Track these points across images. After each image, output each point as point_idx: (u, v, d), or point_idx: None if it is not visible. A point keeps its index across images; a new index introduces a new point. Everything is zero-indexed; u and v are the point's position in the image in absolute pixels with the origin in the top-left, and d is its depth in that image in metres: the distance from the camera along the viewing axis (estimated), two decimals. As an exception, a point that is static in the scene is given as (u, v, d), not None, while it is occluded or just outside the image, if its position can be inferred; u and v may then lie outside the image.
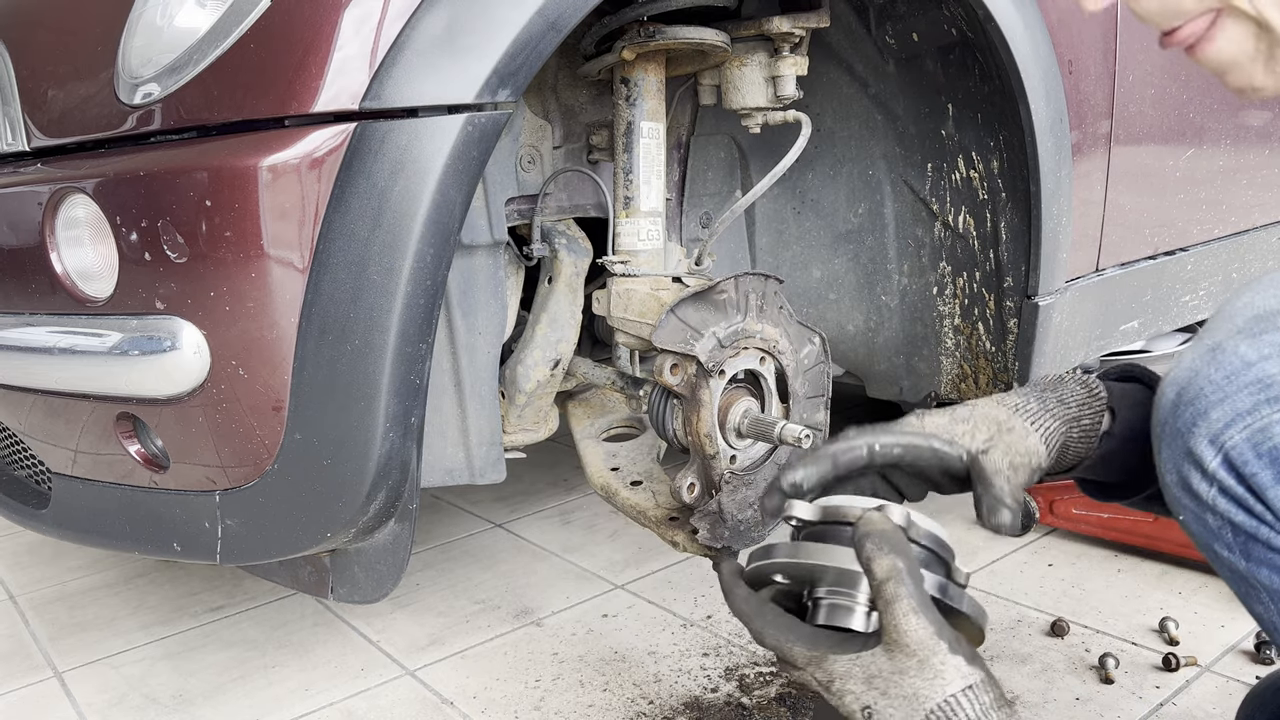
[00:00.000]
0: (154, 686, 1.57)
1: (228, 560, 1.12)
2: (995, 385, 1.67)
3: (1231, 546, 0.71)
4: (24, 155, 1.18)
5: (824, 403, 1.36)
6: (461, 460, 1.30)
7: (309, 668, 1.60)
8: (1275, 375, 0.67)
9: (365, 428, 1.01)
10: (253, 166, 0.94)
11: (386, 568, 1.18)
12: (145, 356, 1.03)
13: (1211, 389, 0.69)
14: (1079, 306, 1.69)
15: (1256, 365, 0.67)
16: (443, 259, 0.99)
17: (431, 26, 0.96)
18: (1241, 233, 2.16)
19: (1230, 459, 0.68)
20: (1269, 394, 0.67)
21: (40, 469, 1.31)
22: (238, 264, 0.96)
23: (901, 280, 1.73)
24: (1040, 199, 1.47)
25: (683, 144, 1.61)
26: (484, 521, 2.20)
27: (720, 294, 1.22)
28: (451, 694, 1.49)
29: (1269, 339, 0.68)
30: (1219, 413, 0.68)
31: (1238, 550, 0.71)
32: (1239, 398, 0.67)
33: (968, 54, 1.45)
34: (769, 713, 1.38)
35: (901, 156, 1.64)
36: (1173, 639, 1.49)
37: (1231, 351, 0.69)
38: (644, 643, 1.60)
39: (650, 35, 1.23)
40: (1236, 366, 0.68)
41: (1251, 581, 0.72)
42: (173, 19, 1.00)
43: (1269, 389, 0.67)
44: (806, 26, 1.33)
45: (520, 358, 1.42)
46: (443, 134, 0.96)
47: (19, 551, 2.19)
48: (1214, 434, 0.69)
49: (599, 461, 1.48)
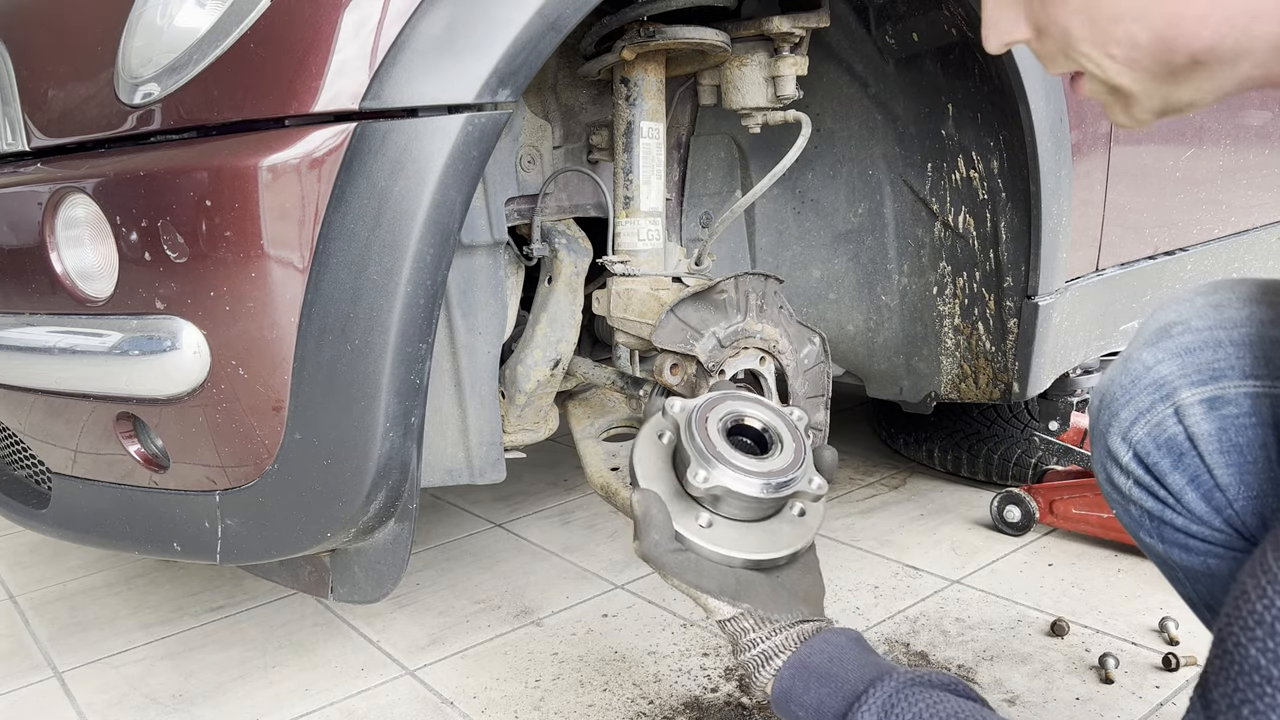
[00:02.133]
0: (154, 686, 1.57)
1: (228, 560, 1.12)
2: (995, 385, 1.67)
3: (1150, 532, 0.80)
4: (24, 155, 1.18)
5: (824, 403, 1.36)
6: (461, 460, 1.30)
7: (309, 668, 1.60)
8: (1167, 376, 0.76)
9: (365, 428, 1.01)
10: (253, 166, 0.94)
11: (386, 568, 1.18)
12: (145, 356, 1.03)
13: (1120, 392, 0.79)
14: (1079, 306, 1.69)
15: (1154, 369, 0.77)
16: (443, 259, 0.99)
17: (431, 26, 0.96)
18: (1241, 233, 2.16)
19: (1137, 452, 0.78)
20: (1162, 392, 0.76)
21: (40, 469, 1.31)
22: (238, 264, 0.96)
23: (901, 280, 1.73)
24: (1040, 199, 1.47)
25: (683, 144, 1.61)
26: (484, 521, 2.20)
27: (720, 294, 1.22)
28: (451, 694, 1.49)
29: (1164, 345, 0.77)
30: (1126, 413, 0.78)
31: (1155, 535, 0.79)
32: (1141, 398, 0.77)
33: (968, 54, 1.45)
34: (769, 713, 1.38)
35: (901, 156, 1.64)
36: (1173, 639, 1.49)
37: (1136, 359, 0.79)
38: (644, 643, 1.60)
39: (650, 35, 1.23)
40: (1139, 372, 0.78)
41: (1169, 562, 0.81)
42: (173, 19, 1.00)
43: (1162, 388, 0.76)
44: (806, 26, 1.33)
45: (520, 358, 1.42)
46: (443, 134, 0.96)
47: (19, 551, 2.19)
48: (1124, 431, 0.78)
49: (599, 461, 1.47)
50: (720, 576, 0.89)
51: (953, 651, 1.52)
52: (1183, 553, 0.79)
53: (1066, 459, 2.05)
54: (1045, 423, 2.07)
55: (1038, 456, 2.09)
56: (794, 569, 0.95)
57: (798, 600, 0.91)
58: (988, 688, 1.42)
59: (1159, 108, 0.67)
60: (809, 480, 0.95)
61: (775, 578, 0.93)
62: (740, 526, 0.94)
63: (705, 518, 0.93)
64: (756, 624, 0.88)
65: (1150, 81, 0.65)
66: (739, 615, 0.88)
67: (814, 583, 0.95)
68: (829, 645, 0.85)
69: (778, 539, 0.94)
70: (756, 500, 0.92)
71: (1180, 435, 0.75)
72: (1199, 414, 0.75)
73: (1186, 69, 0.63)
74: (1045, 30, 0.67)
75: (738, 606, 0.88)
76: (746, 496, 0.91)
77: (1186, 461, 0.75)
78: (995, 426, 2.17)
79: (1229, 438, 0.74)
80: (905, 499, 2.19)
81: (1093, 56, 0.65)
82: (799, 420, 1.00)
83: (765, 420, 0.99)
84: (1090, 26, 0.64)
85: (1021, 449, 2.12)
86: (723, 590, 0.88)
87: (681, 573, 0.89)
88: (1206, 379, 0.75)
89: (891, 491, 2.24)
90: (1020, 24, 0.68)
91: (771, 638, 0.87)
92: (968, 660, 1.49)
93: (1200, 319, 0.78)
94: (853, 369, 1.88)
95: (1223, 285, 0.81)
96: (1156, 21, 0.61)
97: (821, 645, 0.85)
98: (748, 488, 0.91)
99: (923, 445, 2.29)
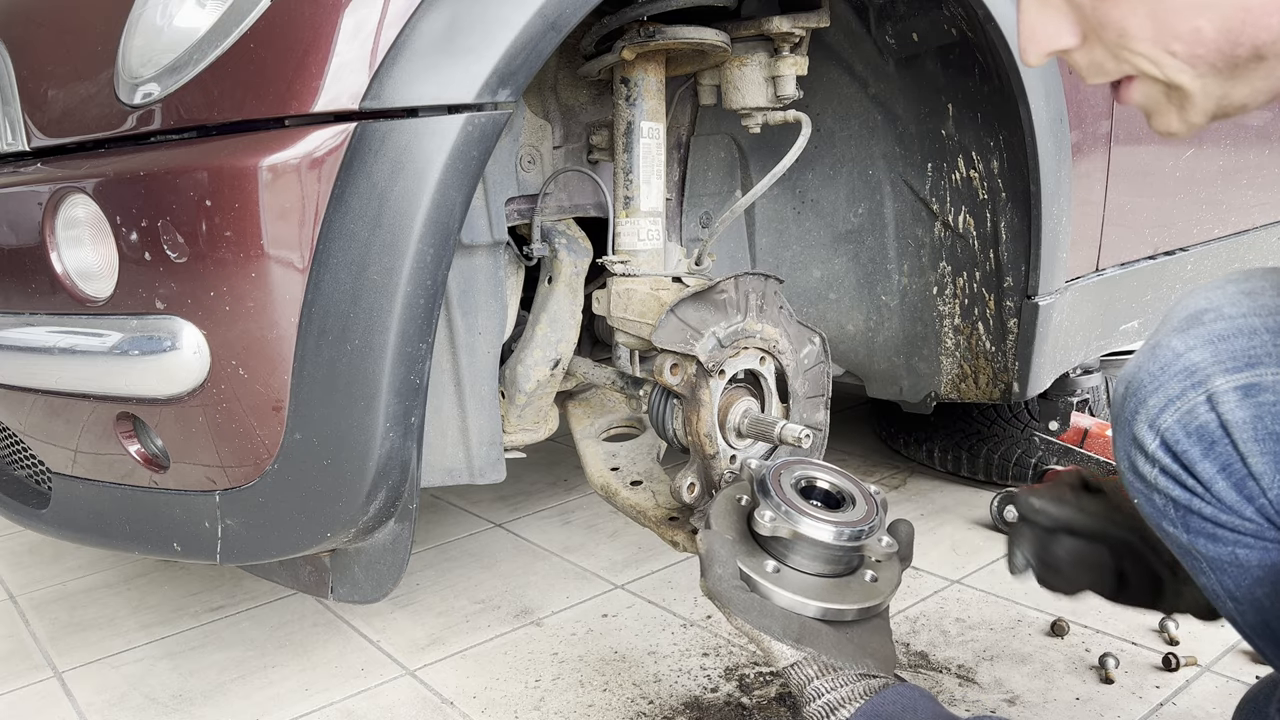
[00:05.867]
0: (154, 686, 1.57)
1: (228, 560, 1.12)
2: (995, 385, 1.67)
3: (1175, 522, 0.78)
4: (24, 155, 1.18)
5: (824, 402, 1.36)
6: (461, 460, 1.30)
7: (309, 668, 1.60)
8: (1199, 363, 0.74)
9: (365, 428, 1.01)
10: (253, 166, 0.94)
11: (386, 568, 1.18)
12: (145, 356, 1.03)
13: (1149, 379, 0.77)
14: (1079, 306, 1.69)
15: (1184, 355, 0.75)
16: (443, 259, 0.99)
17: (431, 27, 0.96)
18: (1241, 233, 2.16)
19: (1165, 440, 0.76)
20: (1194, 379, 0.74)
21: (40, 469, 1.31)
22: (238, 264, 0.96)
23: (901, 280, 1.73)
24: (1040, 199, 1.47)
25: (683, 144, 1.61)
26: (484, 521, 2.20)
27: (720, 294, 1.22)
28: (451, 694, 1.49)
29: (1195, 333, 0.76)
30: (1154, 400, 0.76)
31: (1180, 524, 0.78)
32: (1170, 385, 0.75)
33: (968, 54, 1.45)
34: (769, 713, 1.38)
35: (901, 156, 1.64)
36: (1173, 639, 1.49)
37: (1165, 346, 0.77)
38: (644, 643, 1.60)
39: (650, 35, 1.23)
40: (1169, 358, 0.76)
41: (1194, 553, 0.79)
42: (173, 19, 1.00)
43: (1194, 375, 0.74)
44: (806, 26, 1.33)
45: (520, 358, 1.42)
46: (443, 134, 0.96)
47: (19, 551, 2.19)
48: (1151, 419, 0.76)
49: (599, 461, 1.48)
50: (785, 620, 0.89)
51: (953, 651, 1.52)
52: (1209, 542, 0.77)
53: (1066, 459, 2.05)
54: (1045, 423, 2.07)
55: (1038, 456, 2.09)
56: (864, 628, 0.93)
57: (864, 655, 0.89)
58: (988, 688, 1.42)
59: (1213, 108, 0.66)
60: (879, 539, 0.96)
61: (843, 631, 0.92)
62: (809, 579, 0.94)
63: (773, 565, 0.94)
64: (820, 671, 0.87)
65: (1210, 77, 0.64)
66: (802, 661, 0.87)
67: (884, 644, 0.93)
68: (903, 698, 0.84)
69: (846, 594, 0.94)
70: (825, 547, 0.93)
71: (1213, 423, 0.74)
72: (1233, 401, 0.73)
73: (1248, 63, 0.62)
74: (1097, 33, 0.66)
75: (801, 650, 0.87)
76: (816, 541, 0.92)
77: (1218, 449, 0.74)
78: (995, 426, 2.17)
79: (1265, 425, 0.72)
80: (905, 499, 2.19)
81: (1151, 55, 0.65)
82: (875, 492, 1.01)
83: (838, 484, 1.01)
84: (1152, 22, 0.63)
85: (1021, 449, 2.12)
86: (786, 633, 0.88)
87: (746, 611, 0.89)
88: (1242, 366, 0.73)
89: (892, 491, 2.24)
90: (1066, 31, 0.67)
91: (838, 689, 0.85)
92: (968, 660, 1.49)
93: (1233, 306, 0.76)
94: (853, 369, 1.88)
95: (1254, 273, 0.80)
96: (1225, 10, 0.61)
97: (895, 697, 0.84)
98: (817, 532, 0.92)
99: (923, 445, 2.29)
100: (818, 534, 0.92)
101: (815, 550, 0.94)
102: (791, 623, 0.89)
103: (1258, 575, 0.76)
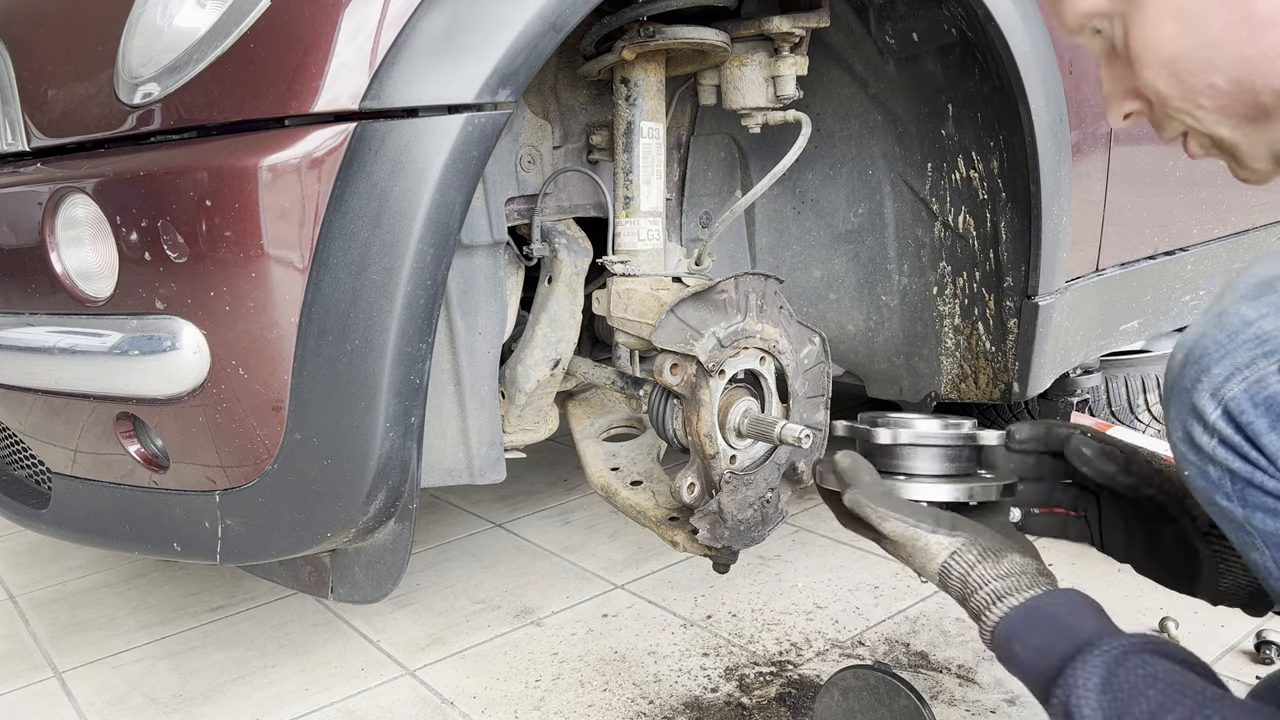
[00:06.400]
0: (154, 686, 1.57)
1: (228, 560, 1.12)
2: (995, 385, 1.67)
3: (1230, 495, 0.75)
4: (24, 155, 1.18)
5: (824, 402, 1.36)
6: (461, 460, 1.30)
7: (309, 668, 1.60)
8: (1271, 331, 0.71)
9: (365, 428, 1.01)
10: (253, 166, 0.94)
11: (386, 568, 1.18)
12: (145, 356, 1.03)
13: (1214, 347, 0.74)
14: (1079, 306, 1.69)
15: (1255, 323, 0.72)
16: (442, 259, 0.99)
17: (431, 27, 0.95)
18: (1241, 233, 2.16)
19: (1229, 410, 0.73)
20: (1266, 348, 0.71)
21: (40, 469, 1.31)
22: (238, 264, 0.96)
23: (901, 280, 1.73)
24: (1040, 199, 1.47)
25: (683, 144, 1.61)
26: (484, 521, 2.20)
27: (720, 294, 1.22)
28: (451, 694, 1.49)
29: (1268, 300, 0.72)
30: (1220, 368, 0.73)
31: (1236, 498, 0.75)
32: (1239, 353, 0.72)
33: (968, 54, 1.45)
34: (769, 713, 1.38)
35: (901, 156, 1.64)
36: (1173, 639, 1.49)
37: (1234, 313, 0.73)
38: (644, 643, 1.60)
39: (650, 35, 1.23)
40: (1237, 326, 0.73)
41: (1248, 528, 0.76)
42: (173, 19, 1.00)
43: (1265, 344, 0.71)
44: (806, 26, 1.33)
45: (520, 358, 1.42)
46: (443, 134, 0.96)
47: (19, 551, 2.19)
48: (1215, 388, 0.73)
49: (599, 461, 1.48)
50: (934, 513, 0.92)
51: (953, 651, 1.52)
52: (1267, 517, 0.75)
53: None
54: (1045, 423, 2.07)
55: (1038, 456, 2.08)
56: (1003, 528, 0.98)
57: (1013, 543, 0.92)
58: (988, 688, 1.42)
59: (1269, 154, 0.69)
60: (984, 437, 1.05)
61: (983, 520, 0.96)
62: (937, 481, 1.01)
63: (901, 476, 1.02)
64: (981, 555, 0.89)
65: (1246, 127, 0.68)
66: (961, 547, 0.89)
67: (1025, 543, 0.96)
68: (1068, 599, 0.85)
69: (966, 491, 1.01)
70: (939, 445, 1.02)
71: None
72: None
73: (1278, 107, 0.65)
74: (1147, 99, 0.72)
75: (957, 536, 0.90)
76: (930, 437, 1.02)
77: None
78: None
79: None
80: (905, 499, 2.18)
81: (1188, 111, 0.69)
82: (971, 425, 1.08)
83: None
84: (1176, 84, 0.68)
85: (1021, 449, 2.11)
86: (939, 523, 0.91)
87: (898, 509, 0.92)
88: None
89: (891, 491, 2.24)
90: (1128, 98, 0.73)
91: (1003, 578, 0.87)
92: (968, 660, 1.49)
93: None
94: (853, 369, 1.88)
95: None
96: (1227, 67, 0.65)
97: (1061, 597, 0.85)
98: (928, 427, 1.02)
99: (923, 445, 2.29)
100: (928, 428, 1.01)
101: (932, 451, 1.02)
102: (942, 515, 0.92)
103: None
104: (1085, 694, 0.75)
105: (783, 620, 1.65)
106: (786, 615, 1.67)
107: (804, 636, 1.60)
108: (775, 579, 1.81)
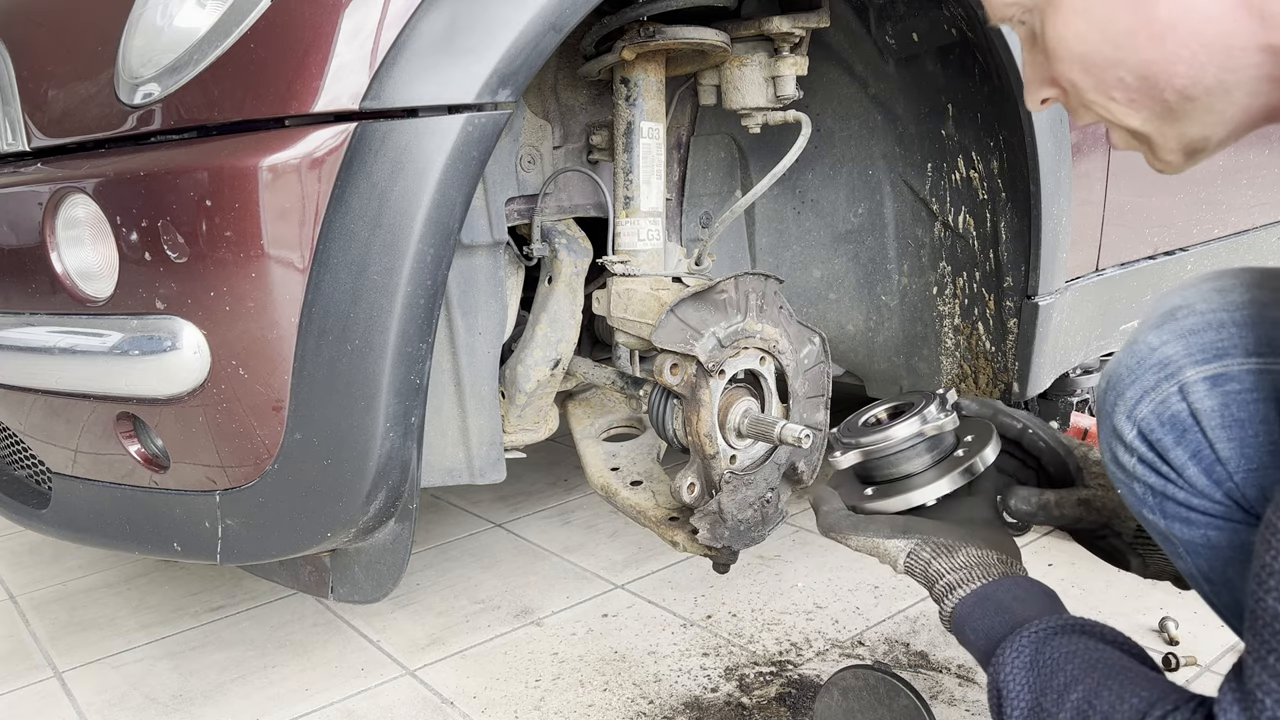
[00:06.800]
0: (154, 686, 1.57)
1: (228, 560, 1.12)
2: (995, 385, 1.67)
3: (1154, 509, 0.82)
4: (24, 155, 1.18)
5: (824, 402, 1.36)
6: (461, 460, 1.30)
7: (309, 668, 1.60)
8: (1172, 355, 0.79)
9: (365, 428, 1.01)
10: (253, 166, 0.94)
11: (386, 568, 1.18)
12: (145, 356, 1.03)
13: (1126, 373, 0.81)
14: (1079, 306, 1.69)
15: (1159, 349, 0.80)
16: (443, 259, 0.99)
17: (431, 27, 0.96)
18: (1241, 233, 2.16)
19: (1141, 429, 0.80)
20: (1167, 371, 0.79)
21: (40, 469, 1.31)
22: (238, 264, 0.96)
23: (901, 280, 1.73)
24: (1040, 199, 1.47)
25: (683, 144, 1.61)
26: (484, 521, 2.20)
27: (720, 294, 1.22)
28: (451, 694, 1.49)
29: (1169, 327, 0.80)
30: (1131, 392, 0.80)
31: (1158, 510, 0.82)
32: (1146, 377, 0.80)
33: (968, 54, 1.45)
34: (769, 713, 1.38)
35: (901, 156, 1.64)
36: (1173, 639, 1.49)
37: (1142, 341, 0.81)
38: (644, 643, 1.60)
39: (650, 35, 1.23)
40: (1144, 352, 0.80)
41: (1171, 538, 0.83)
42: (173, 19, 1.00)
43: (1167, 367, 0.79)
44: (806, 26, 1.33)
45: (520, 358, 1.42)
46: (443, 134, 0.96)
47: (19, 551, 2.19)
48: (1129, 410, 0.81)
49: (599, 461, 1.48)
50: (889, 522, 1.01)
51: (953, 651, 1.52)
52: (1184, 526, 0.81)
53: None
54: (1045, 423, 2.07)
55: (1038, 456, 2.09)
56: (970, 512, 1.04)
57: (974, 536, 0.98)
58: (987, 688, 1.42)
59: (1180, 148, 0.73)
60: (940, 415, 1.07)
61: (949, 516, 1.03)
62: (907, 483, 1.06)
63: (871, 490, 1.07)
64: (935, 552, 0.96)
65: (1157, 120, 0.71)
66: (915, 547, 0.97)
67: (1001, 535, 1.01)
68: (1016, 586, 0.92)
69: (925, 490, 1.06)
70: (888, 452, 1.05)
71: (1184, 412, 0.78)
72: (1202, 391, 0.77)
73: (1182, 105, 0.68)
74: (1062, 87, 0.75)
75: (909, 539, 0.98)
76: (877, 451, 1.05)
77: (1189, 437, 0.78)
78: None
79: (1230, 413, 0.76)
80: (905, 499, 2.19)
81: (1100, 103, 0.72)
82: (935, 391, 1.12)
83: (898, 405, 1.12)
84: (1089, 77, 0.71)
85: (1021, 449, 2.11)
86: (893, 530, 0.99)
87: (854, 527, 1.02)
88: (1210, 357, 0.77)
89: (891, 491, 2.24)
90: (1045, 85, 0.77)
91: (956, 570, 0.94)
92: (968, 660, 1.49)
93: (1205, 302, 0.81)
94: (853, 369, 1.88)
95: (1226, 273, 0.84)
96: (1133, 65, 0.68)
97: (1009, 585, 0.92)
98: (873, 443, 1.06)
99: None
100: (873, 444, 1.05)
101: (888, 458, 1.05)
102: (896, 522, 1.00)
103: (1228, 555, 0.79)
104: (1014, 671, 0.82)
105: (783, 620, 1.65)
106: (786, 615, 1.67)
107: (804, 636, 1.60)
108: (775, 579, 1.81)
